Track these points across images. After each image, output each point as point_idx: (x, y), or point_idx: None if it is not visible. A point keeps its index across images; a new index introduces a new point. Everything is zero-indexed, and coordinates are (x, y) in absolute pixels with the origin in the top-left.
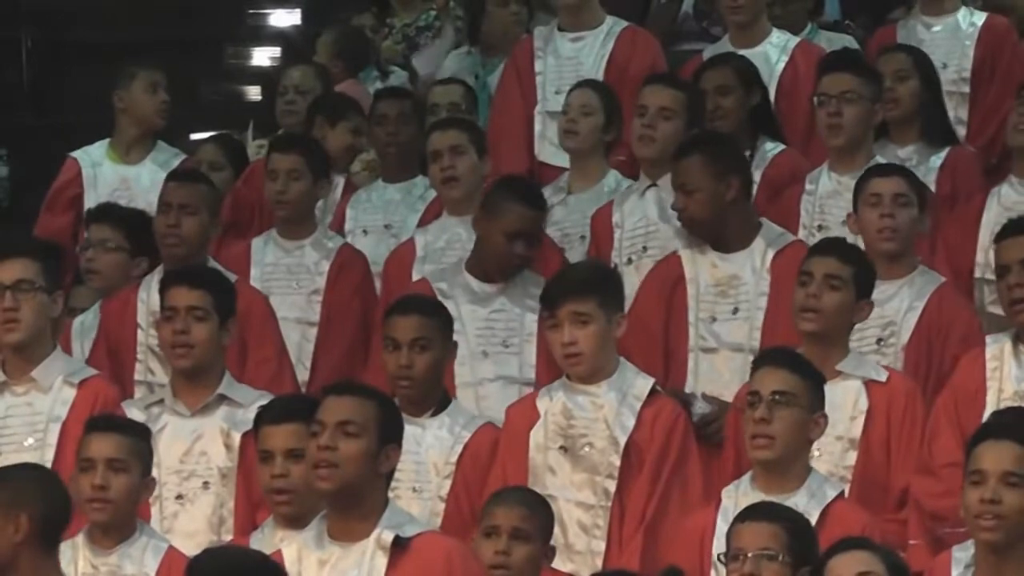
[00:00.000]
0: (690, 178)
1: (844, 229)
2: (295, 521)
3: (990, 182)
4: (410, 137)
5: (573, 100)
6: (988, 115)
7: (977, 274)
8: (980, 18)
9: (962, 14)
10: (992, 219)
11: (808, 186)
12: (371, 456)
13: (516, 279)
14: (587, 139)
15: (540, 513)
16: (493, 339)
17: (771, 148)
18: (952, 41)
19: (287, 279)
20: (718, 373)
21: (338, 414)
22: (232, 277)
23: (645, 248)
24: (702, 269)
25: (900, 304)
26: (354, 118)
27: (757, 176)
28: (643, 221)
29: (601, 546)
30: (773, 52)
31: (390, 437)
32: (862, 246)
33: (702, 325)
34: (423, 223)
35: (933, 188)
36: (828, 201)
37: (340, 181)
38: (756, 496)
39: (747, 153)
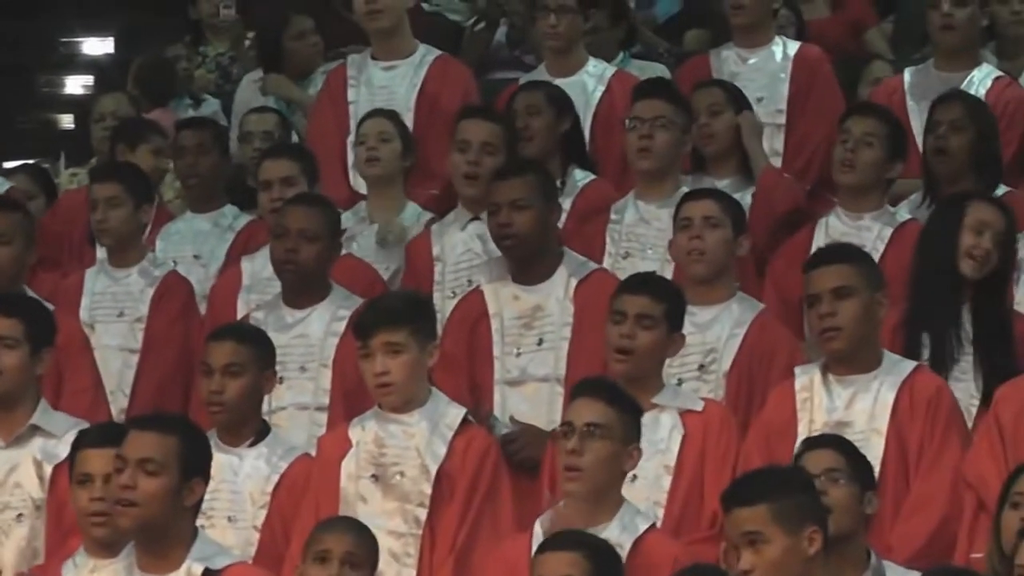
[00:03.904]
0: (524, 195)
1: (650, 257)
2: (110, 547)
3: (808, 211)
4: (212, 167)
5: (369, 129)
6: (801, 142)
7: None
8: (793, 48)
9: (776, 45)
10: None
11: (614, 216)
12: (172, 493)
13: (326, 301)
14: (389, 164)
15: (368, 542)
16: (291, 365)
17: (581, 178)
18: (767, 73)
19: (113, 307)
20: (527, 405)
21: (138, 451)
22: (49, 307)
23: (470, 281)
24: (505, 303)
25: (721, 331)
26: (154, 139)
27: (567, 205)
28: (468, 255)
29: (412, 574)
30: (590, 81)
31: (195, 471)
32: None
33: (508, 359)
34: (235, 251)
35: None
36: (634, 230)
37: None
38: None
39: (559, 182)
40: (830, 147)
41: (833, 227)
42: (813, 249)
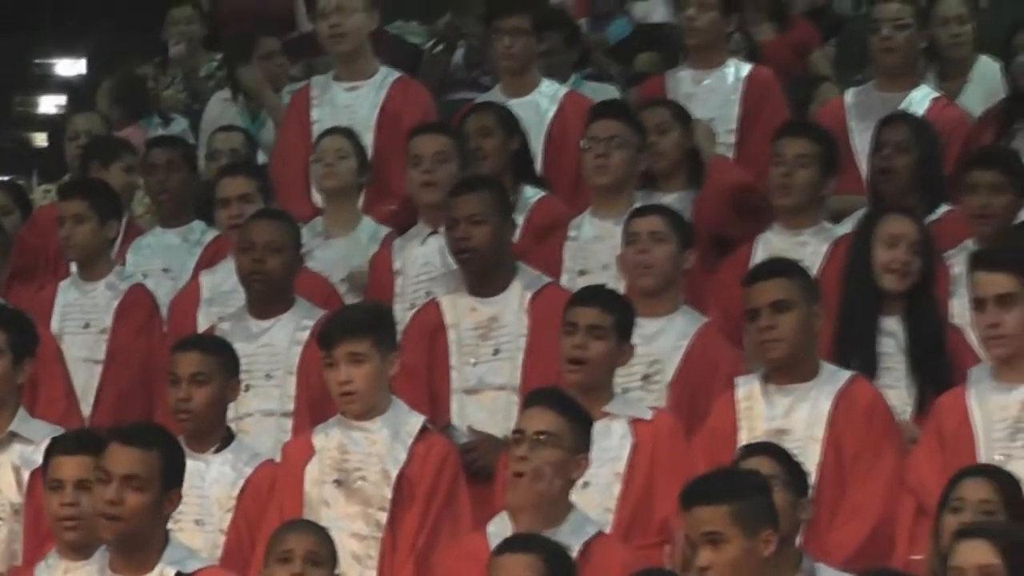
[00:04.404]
0: (480, 209)
1: (606, 273)
2: (81, 550)
3: (760, 194)
4: (181, 184)
5: (327, 145)
6: (750, 162)
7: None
8: (745, 70)
9: (729, 67)
10: None
11: (571, 232)
12: (155, 506)
13: (290, 312)
14: (346, 179)
15: (328, 541)
16: (257, 373)
17: (532, 195)
18: (720, 94)
19: (80, 318)
20: (485, 413)
21: (124, 467)
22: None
23: (428, 294)
24: (462, 314)
25: (665, 342)
26: (127, 157)
27: (520, 221)
28: (427, 267)
29: (373, 575)
30: (543, 101)
31: (173, 482)
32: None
33: (465, 368)
34: (202, 265)
35: None
36: (591, 246)
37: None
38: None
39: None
40: None
41: (772, 243)
42: (752, 264)
